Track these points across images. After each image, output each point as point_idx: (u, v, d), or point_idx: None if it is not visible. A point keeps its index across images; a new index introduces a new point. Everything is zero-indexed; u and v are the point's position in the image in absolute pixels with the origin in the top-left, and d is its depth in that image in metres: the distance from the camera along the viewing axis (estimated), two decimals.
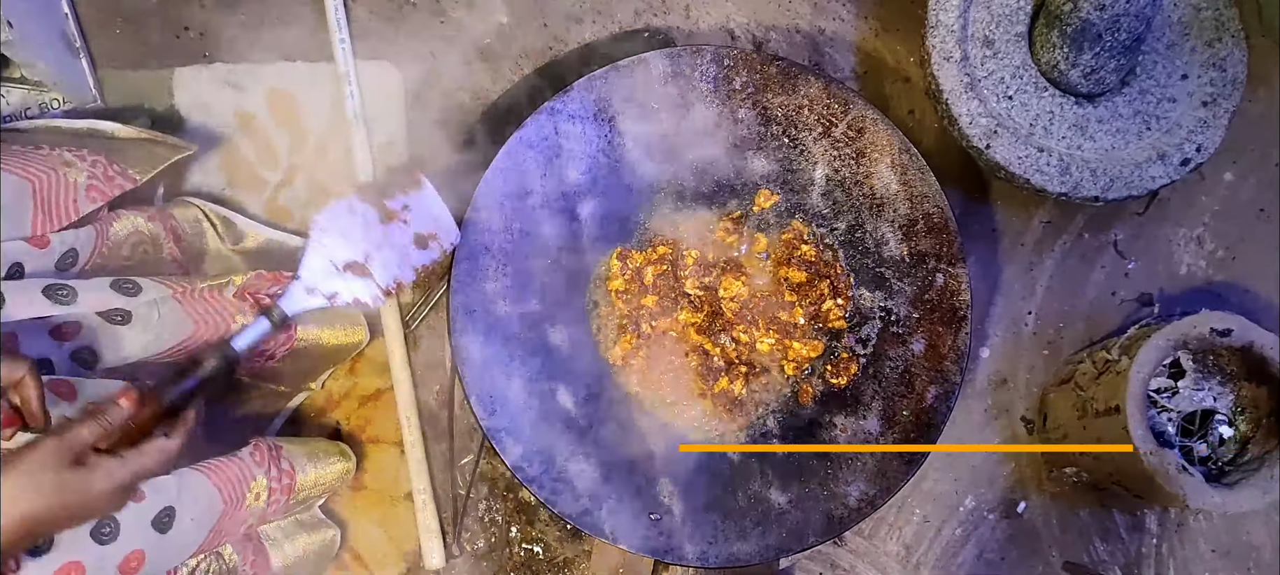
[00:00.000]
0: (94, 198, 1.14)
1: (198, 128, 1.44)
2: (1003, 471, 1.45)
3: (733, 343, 1.24)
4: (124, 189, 1.19)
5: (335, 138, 1.46)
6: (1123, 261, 1.49)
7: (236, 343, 0.97)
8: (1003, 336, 1.47)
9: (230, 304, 1.20)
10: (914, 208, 1.22)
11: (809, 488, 1.17)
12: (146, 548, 0.99)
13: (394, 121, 1.47)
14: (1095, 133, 1.36)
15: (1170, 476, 1.22)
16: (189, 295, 1.15)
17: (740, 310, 1.24)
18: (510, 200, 1.17)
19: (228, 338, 0.98)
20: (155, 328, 1.11)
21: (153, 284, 1.11)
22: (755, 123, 1.24)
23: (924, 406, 1.19)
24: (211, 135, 1.44)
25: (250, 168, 1.46)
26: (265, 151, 1.46)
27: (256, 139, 1.46)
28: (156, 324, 1.11)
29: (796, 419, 1.23)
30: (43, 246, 1.06)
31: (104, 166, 1.17)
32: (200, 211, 1.35)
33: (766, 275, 1.27)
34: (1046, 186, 1.33)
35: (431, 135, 1.46)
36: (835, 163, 1.25)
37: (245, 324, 1.04)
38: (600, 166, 1.22)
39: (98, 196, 1.15)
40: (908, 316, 1.22)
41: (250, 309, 1.21)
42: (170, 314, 1.12)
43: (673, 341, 1.24)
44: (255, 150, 1.46)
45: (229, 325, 1.19)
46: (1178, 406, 1.34)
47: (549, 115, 1.19)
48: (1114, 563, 1.45)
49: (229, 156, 1.45)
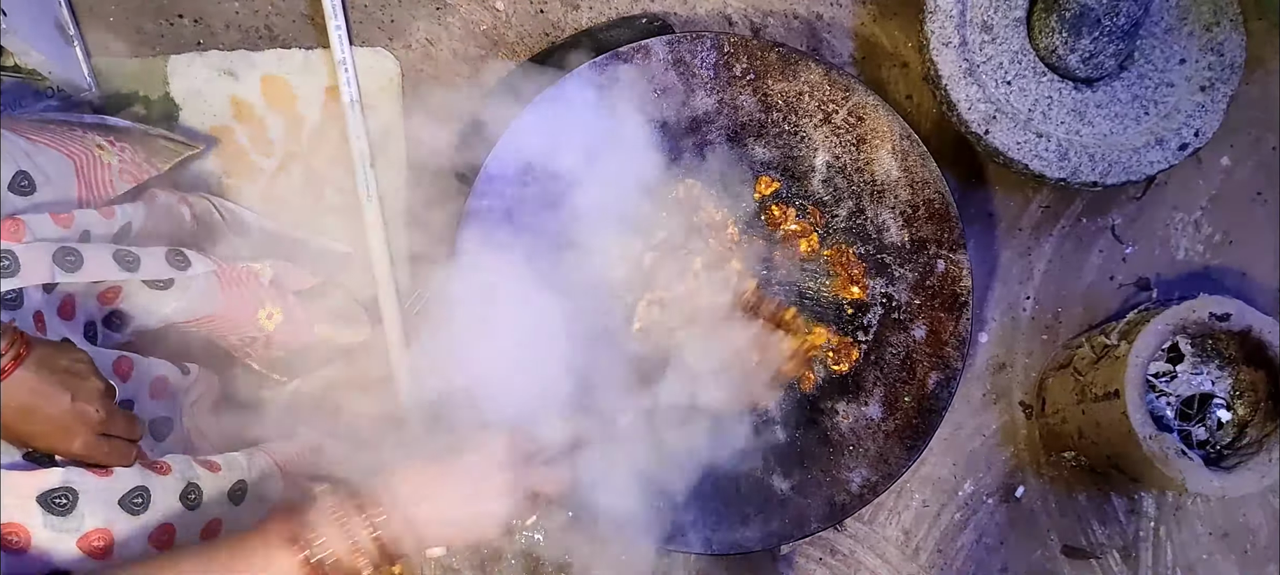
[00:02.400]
0: (128, 180, 1.18)
1: (192, 116, 1.43)
2: (1001, 456, 1.46)
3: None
4: (150, 176, 1.23)
5: (331, 125, 1.45)
6: (1120, 246, 1.49)
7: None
8: (1001, 321, 1.47)
9: (264, 291, 1.24)
10: (915, 194, 1.22)
11: (811, 474, 1.17)
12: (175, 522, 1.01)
13: (390, 108, 1.46)
14: (1094, 118, 1.36)
15: (1169, 461, 1.23)
16: (228, 274, 1.19)
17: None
18: (510, 188, 1.17)
19: None
20: (190, 296, 1.15)
21: (200, 258, 1.14)
22: (756, 109, 1.24)
23: (926, 392, 1.19)
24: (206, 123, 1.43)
25: (246, 156, 1.45)
26: (261, 139, 1.45)
27: (252, 127, 1.45)
28: (191, 293, 1.15)
29: (798, 405, 1.23)
30: (109, 216, 1.10)
31: (131, 153, 1.21)
32: (211, 204, 1.35)
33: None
34: (1045, 172, 1.33)
35: (428, 122, 1.45)
36: (836, 149, 1.24)
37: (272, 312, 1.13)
38: (600, 153, 1.21)
39: (130, 179, 1.19)
40: (909, 303, 1.22)
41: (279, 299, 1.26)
42: (207, 287, 1.17)
43: (701, 314, 1.24)
44: (251, 138, 1.45)
45: (256, 311, 1.23)
46: (1176, 391, 1.34)
47: (550, 101, 1.18)
48: (1112, 546, 1.45)
49: (225, 144, 1.44)
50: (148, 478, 0.99)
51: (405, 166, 1.46)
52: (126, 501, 0.96)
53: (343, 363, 1.44)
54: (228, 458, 1.07)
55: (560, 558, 1.40)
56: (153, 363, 1.13)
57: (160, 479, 1.00)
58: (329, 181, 1.45)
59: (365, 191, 1.43)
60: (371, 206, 1.43)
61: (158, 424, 1.14)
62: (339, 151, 1.45)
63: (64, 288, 1.05)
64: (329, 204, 1.45)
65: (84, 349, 0.98)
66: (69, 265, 1.00)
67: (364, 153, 1.43)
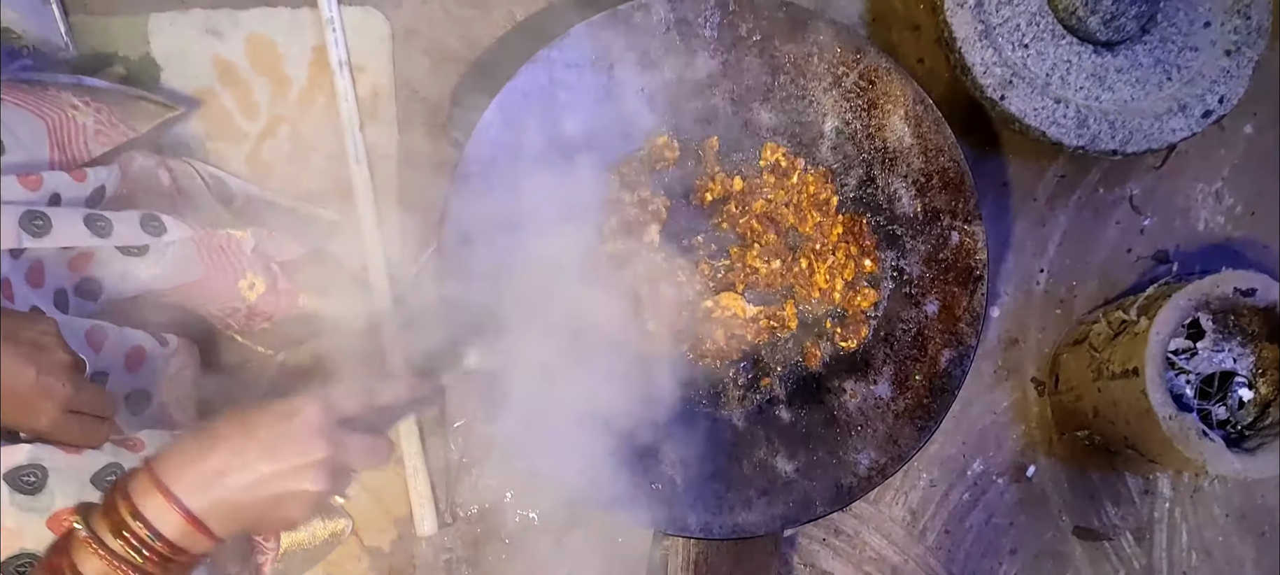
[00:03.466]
0: (103, 142, 1.14)
1: (175, 77, 1.38)
2: (1012, 434, 1.41)
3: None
4: (127, 138, 1.18)
5: (319, 87, 1.40)
6: (1138, 217, 1.44)
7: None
8: (1013, 294, 1.42)
9: (245, 258, 1.19)
10: (928, 162, 1.16)
11: (817, 455, 1.12)
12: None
13: (380, 69, 1.41)
14: (1114, 83, 1.31)
15: (1190, 442, 1.18)
16: (208, 241, 1.14)
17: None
18: (504, 154, 1.11)
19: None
20: (166, 264, 1.10)
21: (176, 224, 1.09)
22: (762, 72, 1.18)
23: (938, 370, 1.13)
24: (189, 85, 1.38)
25: (230, 119, 1.40)
26: (246, 102, 1.40)
27: (236, 88, 1.40)
28: (168, 260, 1.10)
29: (804, 383, 1.18)
30: (81, 179, 1.06)
31: (107, 114, 1.16)
32: (193, 169, 1.31)
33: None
34: (1063, 139, 1.28)
35: (419, 84, 1.40)
36: (846, 114, 1.19)
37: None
38: (598, 118, 1.16)
39: (106, 141, 1.14)
40: (921, 276, 1.17)
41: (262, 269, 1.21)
42: (185, 254, 1.11)
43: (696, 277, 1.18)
44: (235, 100, 1.40)
45: (237, 280, 1.18)
46: (1196, 368, 1.29)
47: (544, 64, 1.13)
48: (1125, 527, 1.41)
49: (208, 107, 1.38)
50: (121, 455, 0.95)
51: (396, 130, 1.41)
52: (99, 480, 0.91)
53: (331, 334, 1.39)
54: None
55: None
56: (128, 333, 1.08)
57: (134, 457, 0.96)
58: (316, 146, 1.40)
59: (354, 157, 1.38)
60: (360, 172, 1.38)
61: (134, 397, 1.09)
62: (327, 115, 1.40)
63: (32, 253, 1.00)
64: (316, 169, 1.40)
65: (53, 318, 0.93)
66: (36, 230, 0.96)
67: (352, 116, 1.38)
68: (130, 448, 0.97)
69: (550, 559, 1.36)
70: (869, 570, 1.38)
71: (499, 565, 1.37)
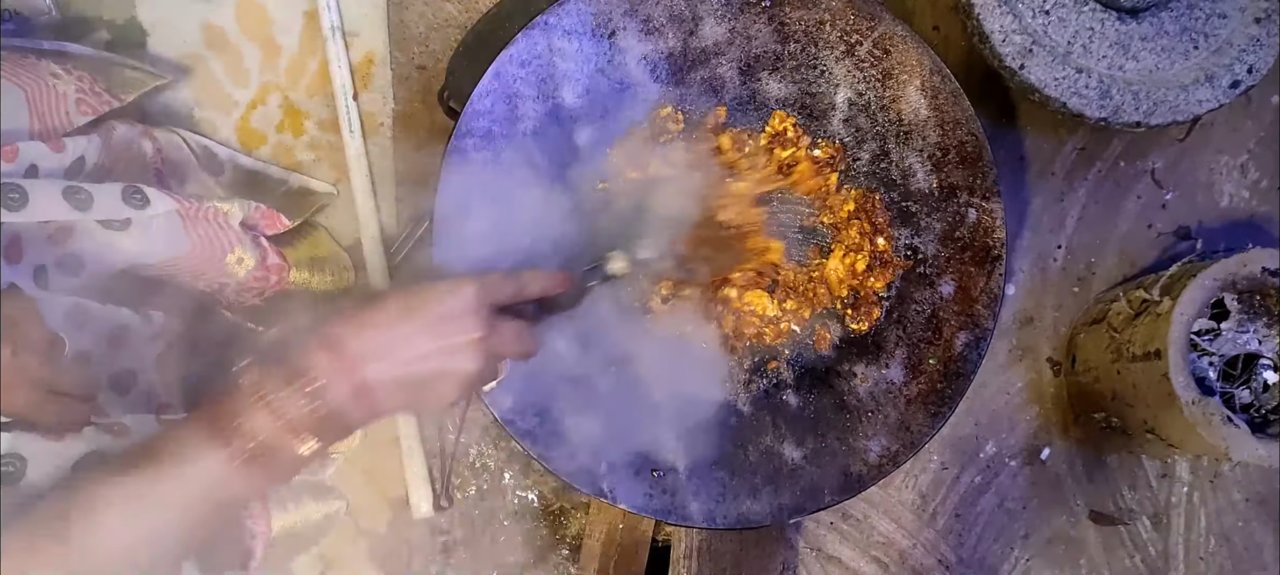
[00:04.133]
0: (85, 111, 1.10)
1: (161, 43, 1.34)
2: (1026, 416, 1.37)
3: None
4: (110, 107, 1.14)
5: (310, 53, 1.36)
6: (1160, 192, 1.39)
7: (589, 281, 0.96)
8: (1029, 271, 1.37)
9: (233, 233, 1.16)
10: (945, 136, 1.11)
11: (825, 442, 1.08)
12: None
13: (374, 35, 1.37)
14: (1139, 52, 1.26)
15: (1213, 427, 1.14)
16: (193, 214, 1.11)
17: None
18: (499, 126, 1.06)
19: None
20: (150, 238, 1.06)
21: (160, 196, 1.06)
22: (771, 40, 1.12)
23: (953, 354, 1.09)
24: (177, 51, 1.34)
25: (219, 86, 1.36)
26: (235, 69, 1.36)
27: (226, 54, 1.36)
28: (152, 234, 1.06)
29: (812, 367, 1.13)
30: (59, 149, 1.02)
31: (89, 82, 1.12)
32: (181, 139, 1.27)
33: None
34: (1084, 111, 1.22)
35: (415, 51, 1.35)
36: (859, 85, 1.13)
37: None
38: (599, 88, 1.10)
39: (88, 110, 1.10)
40: (936, 256, 1.12)
41: (251, 243, 1.18)
42: (171, 228, 1.08)
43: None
44: (225, 67, 1.36)
45: (225, 255, 1.14)
46: (1220, 350, 1.24)
47: (542, 31, 1.07)
48: (1142, 512, 1.37)
49: (197, 74, 1.35)
50: (104, 441, 0.91)
51: (391, 99, 1.37)
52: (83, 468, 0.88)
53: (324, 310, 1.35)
54: None
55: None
56: (112, 310, 1.04)
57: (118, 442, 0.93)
58: (309, 114, 1.36)
59: (347, 126, 1.34)
60: (354, 142, 1.35)
61: (119, 377, 1.05)
62: (319, 82, 1.36)
63: (9, 228, 0.96)
64: (309, 139, 1.36)
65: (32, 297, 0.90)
66: (12, 204, 0.91)
67: (345, 84, 1.35)
68: (114, 433, 0.93)
69: (550, 540, 1.33)
70: (877, 555, 1.34)
71: (497, 547, 1.33)
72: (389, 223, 1.36)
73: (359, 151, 1.34)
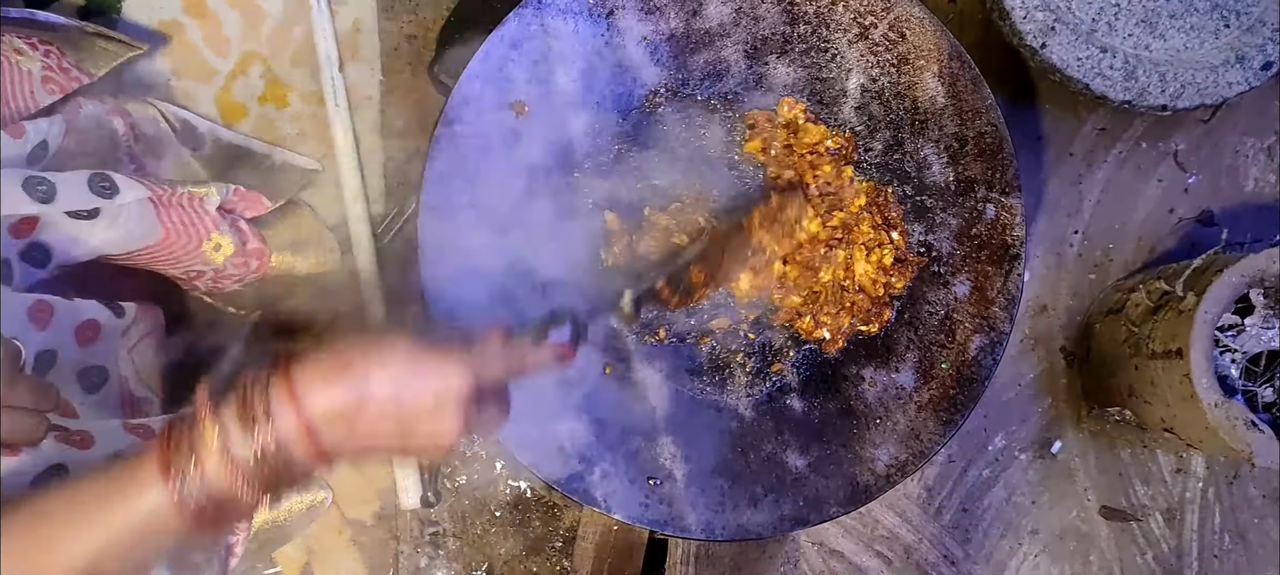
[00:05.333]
0: (52, 90, 1.04)
1: (137, 7, 1.27)
2: (1037, 408, 1.32)
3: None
4: (80, 83, 1.08)
5: (295, 20, 1.29)
6: (1182, 175, 1.33)
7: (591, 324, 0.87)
8: (1045, 258, 1.32)
9: (210, 218, 1.10)
10: (964, 126, 1.04)
11: (831, 450, 1.02)
12: None
13: (361, 2, 1.30)
14: (1166, 30, 1.20)
15: (1237, 433, 1.09)
16: (167, 200, 1.05)
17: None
18: (490, 111, 1.00)
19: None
20: (121, 226, 1.01)
21: (130, 183, 1.00)
22: (779, 21, 1.05)
23: (966, 359, 1.03)
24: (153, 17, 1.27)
25: (199, 55, 1.29)
26: (215, 36, 1.29)
27: (205, 21, 1.29)
28: (122, 223, 1.01)
29: (819, 370, 1.07)
30: (19, 136, 0.96)
31: (57, 58, 1.06)
32: (157, 112, 1.20)
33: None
34: (1108, 93, 1.17)
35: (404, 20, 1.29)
36: (872, 71, 1.06)
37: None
38: (596, 71, 1.03)
39: (55, 89, 1.04)
40: (951, 253, 1.06)
41: (229, 229, 1.12)
42: (142, 216, 1.03)
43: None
44: (204, 34, 1.29)
45: (201, 241, 1.08)
46: (1243, 346, 1.19)
47: (535, 10, 1.00)
48: (1155, 507, 1.32)
49: (175, 42, 1.28)
50: (66, 453, 0.86)
51: (379, 69, 1.30)
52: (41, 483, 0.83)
53: (308, 293, 1.30)
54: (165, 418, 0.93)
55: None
56: (79, 306, 0.99)
57: (81, 454, 0.87)
58: (293, 85, 1.30)
59: (332, 98, 1.28)
60: (340, 116, 1.28)
61: (88, 374, 1.00)
62: (304, 51, 1.30)
63: None
64: (293, 111, 1.30)
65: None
66: None
67: (331, 54, 1.28)
68: (77, 444, 0.88)
69: (542, 532, 1.29)
70: (881, 550, 1.29)
71: (488, 538, 1.29)
72: (377, 201, 1.30)
73: (345, 125, 1.29)
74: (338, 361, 0.69)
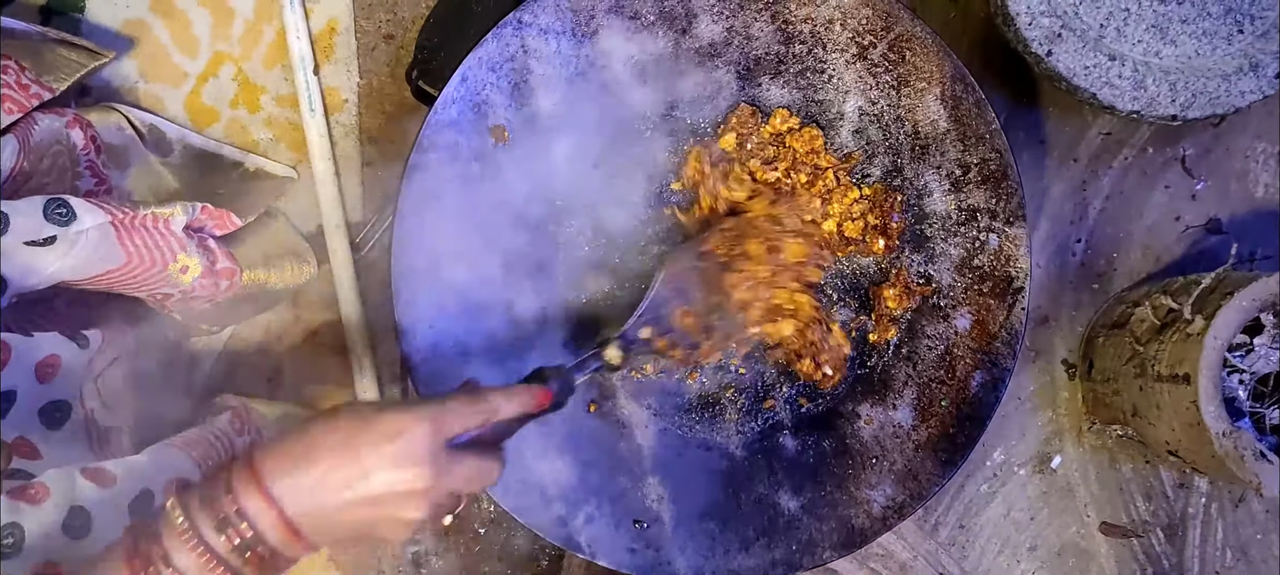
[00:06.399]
0: (10, 110, 0.99)
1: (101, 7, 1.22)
2: (1038, 421, 1.28)
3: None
4: (42, 99, 1.04)
5: (267, 19, 1.24)
6: (1190, 181, 1.28)
7: (578, 375, 0.86)
8: (1047, 268, 1.27)
9: (176, 239, 1.05)
10: (966, 151, 1.00)
11: (826, 491, 0.99)
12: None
13: (337, 1, 1.24)
14: (1177, 35, 1.15)
15: (1245, 464, 1.05)
16: (128, 223, 1.00)
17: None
18: (466, 138, 0.95)
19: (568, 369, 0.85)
20: (80, 253, 0.96)
21: (89, 208, 0.96)
22: (774, 40, 1.00)
23: (967, 396, 0.99)
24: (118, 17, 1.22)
25: (167, 56, 1.24)
26: (184, 36, 1.24)
27: (173, 21, 1.23)
28: (82, 249, 0.96)
29: (812, 407, 1.03)
30: None
31: (16, 74, 1.02)
32: (122, 118, 1.15)
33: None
34: (1115, 103, 1.12)
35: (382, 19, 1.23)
36: (871, 92, 1.01)
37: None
38: (579, 94, 0.98)
39: (14, 109, 1.00)
40: (952, 285, 1.01)
41: (196, 249, 1.07)
42: (102, 241, 0.98)
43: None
44: (172, 34, 1.24)
45: (167, 263, 1.04)
46: (1252, 366, 1.15)
47: (515, 29, 0.95)
48: (1156, 523, 1.29)
49: (142, 43, 1.23)
50: (18, 512, 0.82)
51: (356, 72, 1.25)
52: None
53: (284, 306, 1.25)
54: (128, 464, 0.90)
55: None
56: (38, 342, 0.95)
57: (34, 510, 0.83)
58: (265, 88, 1.25)
59: (307, 102, 1.23)
60: (315, 120, 1.23)
61: (49, 411, 0.96)
62: (276, 52, 1.24)
63: None
64: (266, 115, 1.25)
65: None
66: None
67: (305, 56, 1.23)
68: (30, 499, 0.84)
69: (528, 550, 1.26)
70: (875, 568, 1.26)
71: (471, 558, 1.26)
72: (354, 208, 1.25)
73: (321, 130, 1.24)
74: (305, 443, 0.68)
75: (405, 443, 0.68)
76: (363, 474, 0.68)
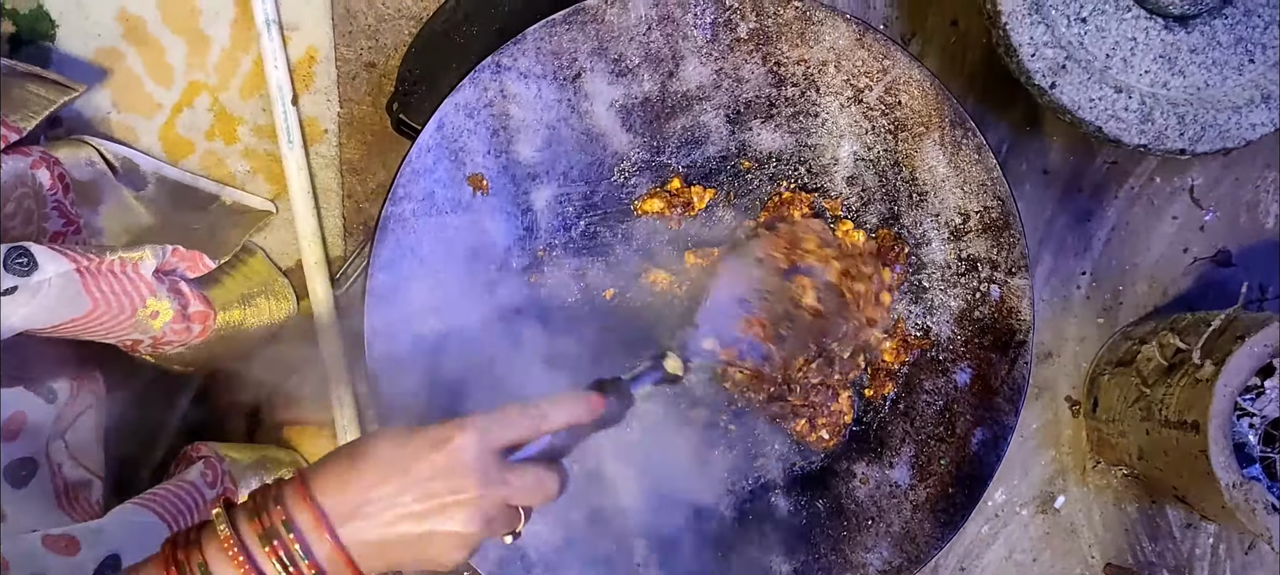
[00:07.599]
0: None
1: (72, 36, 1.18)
2: (1041, 460, 1.25)
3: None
4: (8, 142, 1.00)
5: (243, 48, 1.20)
6: (1198, 212, 1.25)
7: (634, 387, 0.82)
8: (1051, 302, 1.24)
9: (145, 284, 1.01)
10: (966, 199, 0.95)
11: (820, 554, 0.95)
12: None
13: (316, 28, 1.20)
14: (1186, 66, 1.10)
15: (1256, 517, 1.01)
16: (95, 269, 0.96)
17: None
18: (442, 188, 0.91)
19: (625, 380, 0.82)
20: (42, 302, 0.92)
21: (51, 256, 0.92)
22: (765, 83, 0.95)
23: (967, 454, 0.95)
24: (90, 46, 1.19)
25: (140, 85, 1.21)
26: (158, 65, 1.20)
27: (147, 49, 1.20)
28: (44, 298, 0.92)
29: (806, 465, 1.00)
30: None
31: None
32: (93, 151, 1.12)
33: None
34: (1122, 137, 1.08)
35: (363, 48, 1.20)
36: (867, 137, 0.97)
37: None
38: (561, 140, 0.94)
39: None
40: (951, 338, 0.98)
41: (167, 293, 1.03)
42: (66, 288, 0.94)
43: None
44: (146, 63, 1.20)
45: (136, 309, 1.00)
46: (1262, 409, 1.11)
47: (494, 73, 0.91)
48: (1162, 564, 1.26)
49: (114, 73, 1.19)
50: None
51: (336, 102, 1.21)
52: None
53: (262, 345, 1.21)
54: (92, 529, 0.87)
55: None
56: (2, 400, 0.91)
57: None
58: (242, 119, 1.22)
59: (285, 133, 1.19)
60: (294, 152, 1.20)
61: (14, 469, 0.94)
62: (254, 81, 1.21)
63: None
64: (243, 147, 1.21)
65: None
66: None
67: (283, 86, 1.19)
68: None
69: None
70: None
71: None
72: (335, 243, 1.22)
73: (300, 162, 1.20)
74: (352, 462, 0.67)
75: (452, 450, 0.67)
76: (411, 484, 0.66)
